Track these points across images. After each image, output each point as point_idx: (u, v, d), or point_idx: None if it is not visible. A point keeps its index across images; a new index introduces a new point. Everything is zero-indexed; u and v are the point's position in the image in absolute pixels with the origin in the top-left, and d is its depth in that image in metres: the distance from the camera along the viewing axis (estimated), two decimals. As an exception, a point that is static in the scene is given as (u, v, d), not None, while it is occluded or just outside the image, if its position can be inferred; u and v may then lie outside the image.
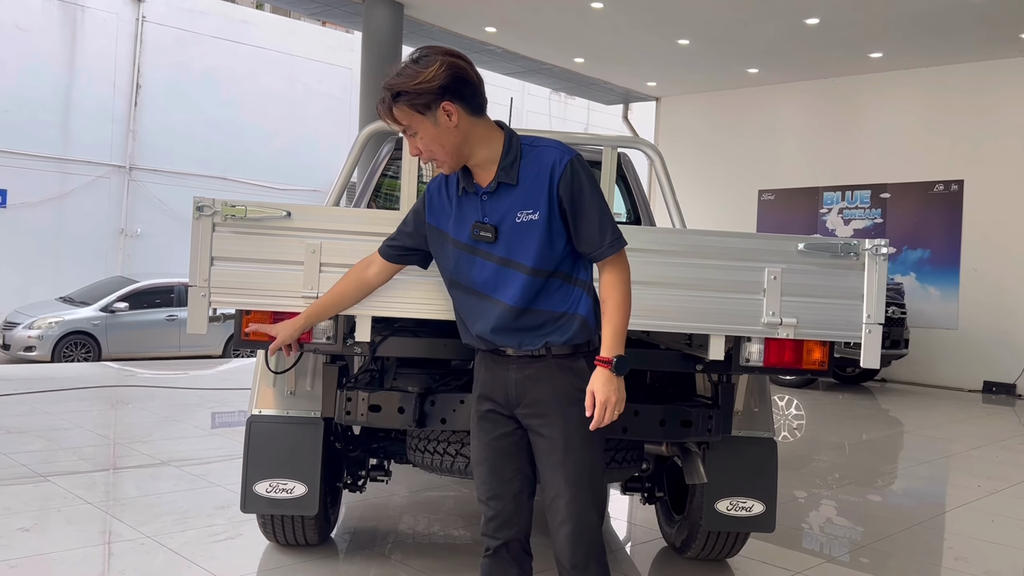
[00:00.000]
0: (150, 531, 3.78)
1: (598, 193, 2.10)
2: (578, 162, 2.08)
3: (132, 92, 16.94)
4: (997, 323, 11.40)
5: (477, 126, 2.09)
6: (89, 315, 12.81)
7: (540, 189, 2.07)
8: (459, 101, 2.04)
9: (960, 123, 11.89)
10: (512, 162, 2.09)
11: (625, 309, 2.10)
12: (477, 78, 2.08)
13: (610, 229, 2.09)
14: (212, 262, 2.46)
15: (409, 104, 2.03)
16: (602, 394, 2.05)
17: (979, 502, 5.18)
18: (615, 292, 2.10)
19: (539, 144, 2.11)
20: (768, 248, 2.58)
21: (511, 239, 2.10)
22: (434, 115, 2.03)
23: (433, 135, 2.06)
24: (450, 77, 2.01)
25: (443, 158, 2.10)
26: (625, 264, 2.13)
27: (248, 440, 3.10)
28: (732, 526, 3.27)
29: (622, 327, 2.09)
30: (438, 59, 2.02)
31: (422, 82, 2.00)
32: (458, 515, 4.32)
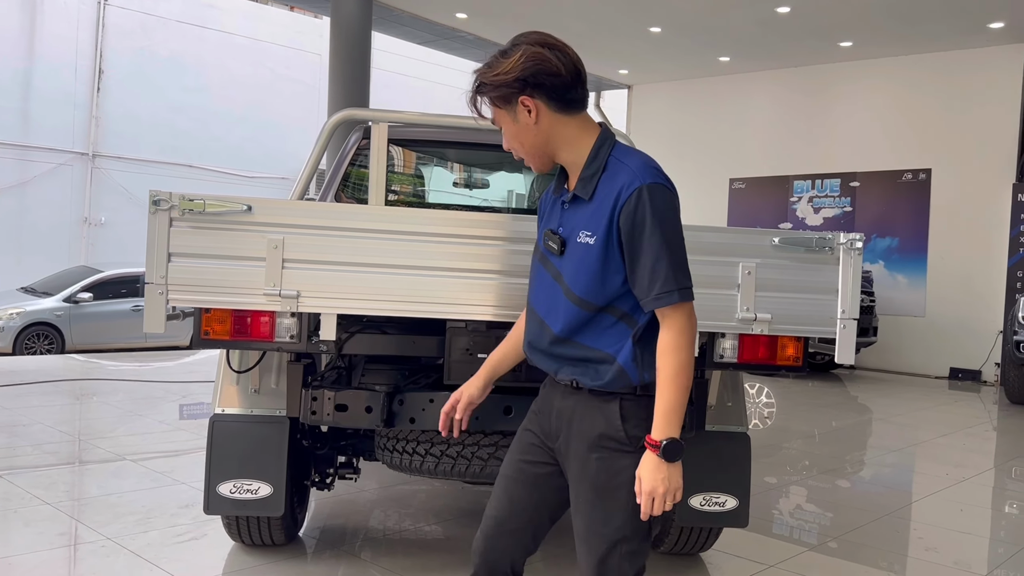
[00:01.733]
0: (111, 532, 3.67)
1: (665, 231, 1.77)
2: (650, 190, 1.77)
3: (94, 77, 16.58)
4: (963, 311, 11.56)
5: (564, 125, 1.87)
6: (52, 306, 12.52)
7: (604, 212, 1.81)
8: (540, 95, 1.83)
9: (929, 112, 12.00)
10: (593, 174, 1.85)
11: (679, 382, 1.77)
12: (569, 70, 1.84)
13: (663, 278, 1.76)
14: (169, 258, 2.36)
15: (489, 97, 1.87)
16: (647, 483, 1.76)
17: (947, 491, 5.22)
18: (666, 360, 1.78)
19: (626, 160, 1.84)
20: (742, 243, 2.53)
21: (570, 258, 1.88)
22: (513, 110, 1.86)
23: (513, 132, 1.89)
24: (530, 69, 1.81)
25: (525, 157, 1.93)
26: (684, 323, 1.78)
27: (211, 440, 3.02)
28: (705, 521, 3.24)
29: (674, 404, 1.77)
30: (521, 48, 1.82)
31: (499, 74, 1.83)
32: (429, 510, 4.26)
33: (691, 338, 1.80)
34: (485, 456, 2.77)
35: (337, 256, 2.39)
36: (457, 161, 5.09)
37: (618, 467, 1.84)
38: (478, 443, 2.78)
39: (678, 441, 1.77)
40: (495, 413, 2.68)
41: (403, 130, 4.59)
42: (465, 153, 4.93)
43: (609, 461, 1.85)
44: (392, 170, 4.74)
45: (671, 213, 1.80)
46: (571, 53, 1.87)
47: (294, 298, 2.38)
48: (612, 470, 1.85)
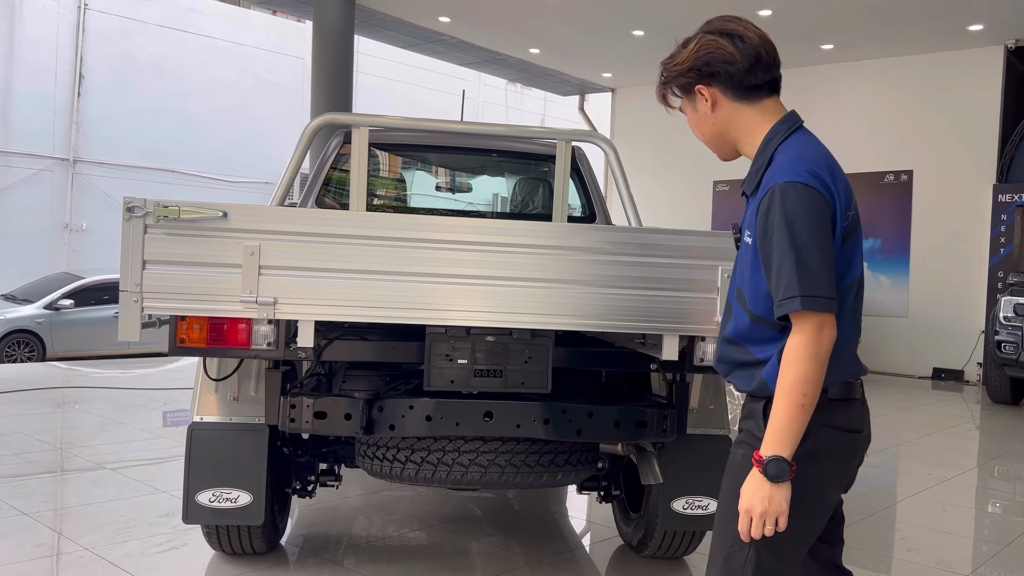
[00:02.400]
0: (89, 542, 3.62)
1: (795, 235, 1.64)
2: (783, 192, 1.67)
3: (75, 82, 16.44)
4: (946, 311, 11.64)
5: (742, 113, 1.80)
6: (32, 313, 12.40)
7: (756, 207, 1.75)
8: (715, 84, 1.79)
9: (910, 114, 12.08)
10: (758, 169, 1.78)
11: (793, 398, 1.63)
12: (746, 56, 1.77)
13: (785, 283, 1.63)
14: (144, 266, 2.34)
15: (671, 88, 1.87)
16: (744, 499, 1.68)
17: (930, 491, 5.24)
18: (785, 373, 1.65)
19: (782, 154, 1.76)
20: (721, 246, 2.53)
21: (739, 256, 1.85)
22: (693, 100, 1.84)
23: (694, 121, 1.87)
24: (703, 58, 1.78)
25: (706, 144, 1.90)
26: (807, 335, 1.63)
27: (189, 448, 2.98)
28: (688, 525, 3.24)
29: (785, 420, 1.64)
30: (697, 37, 1.80)
31: (677, 64, 1.82)
32: (413, 516, 4.23)
33: (815, 350, 1.63)
34: (466, 462, 2.75)
35: (314, 262, 2.38)
36: (439, 165, 5.08)
37: None
38: (458, 449, 2.77)
39: (784, 461, 1.64)
40: (475, 419, 2.67)
41: (385, 134, 4.58)
42: (447, 157, 4.92)
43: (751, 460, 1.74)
44: (373, 174, 4.72)
45: (805, 215, 1.66)
46: (752, 37, 1.79)
47: (271, 305, 2.36)
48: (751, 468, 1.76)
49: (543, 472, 2.81)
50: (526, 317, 2.50)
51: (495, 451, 2.76)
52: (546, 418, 2.68)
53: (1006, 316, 8.84)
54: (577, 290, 2.48)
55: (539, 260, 2.47)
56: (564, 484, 3.02)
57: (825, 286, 1.64)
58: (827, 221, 1.67)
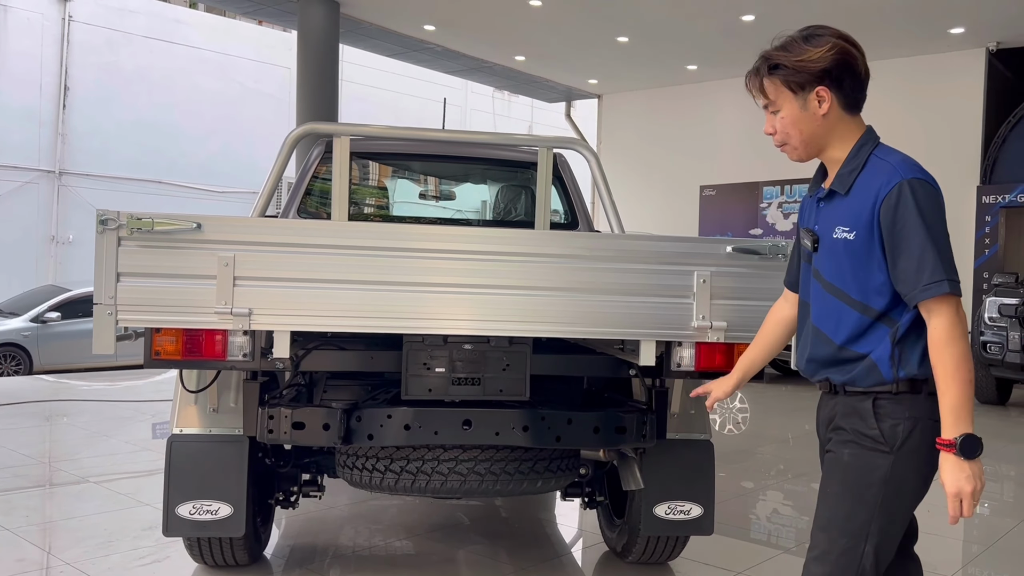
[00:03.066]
0: (71, 557, 3.60)
1: (930, 225, 1.75)
2: (911, 186, 1.76)
3: (60, 94, 16.38)
4: (932, 312, 11.69)
5: (844, 121, 1.90)
6: (19, 326, 12.32)
7: (863, 207, 1.82)
8: (837, 90, 1.86)
9: (894, 117, 12.14)
10: (852, 170, 1.87)
11: (961, 376, 1.73)
12: (866, 71, 1.88)
13: (930, 268, 1.73)
14: (119, 278, 2.33)
15: (783, 79, 1.88)
16: (951, 485, 1.74)
17: (915, 492, 5.25)
18: (944, 355, 1.74)
19: (887, 158, 1.86)
20: (697, 251, 2.55)
21: (827, 255, 1.90)
22: (804, 97, 1.87)
23: (795, 118, 1.90)
24: (838, 63, 1.84)
25: (796, 144, 1.93)
26: (954, 315, 1.74)
27: (169, 461, 2.97)
28: (670, 530, 3.24)
29: (960, 399, 1.73)
30: (830, 41, 1.86)
31: (806, 60, 1.85)
32: (400, 526, 4.22)
33: (963, 330, 1.75)
34: (445, 471, 2.75)
35: (288, 272, 2.37)
36: (421, 173, 5.08)
37: (872, 466, 1.83)
38: (438, 458, 2.76)
39: (974, 436, 1.73)
40: (454, 427, 2.67)
41: (366, 143, 4.58)
42: (428, 165, 4.93)
43: (863, 459, 1.83)
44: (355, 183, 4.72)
45: (936, 208, 1.78)
46: (864, 55, 1.90)
47: (246, 316, 2.35)
48: (865, 468, 1.83)
49: (523, 479, 2.81)
50: (504, 324, 2.50)
51: (474, 459, 2.76)
52: (525, 425, 2.68)
53: (991, 317, 8.89)
54: (553, 297, 2.49)
55: (515, 268, 2.48)
56: (545, 491, 3.01)
57: (956, 273, 1.77)
58: (945, 217, 1.81)
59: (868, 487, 1.84)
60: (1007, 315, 8.74)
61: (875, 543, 1.85)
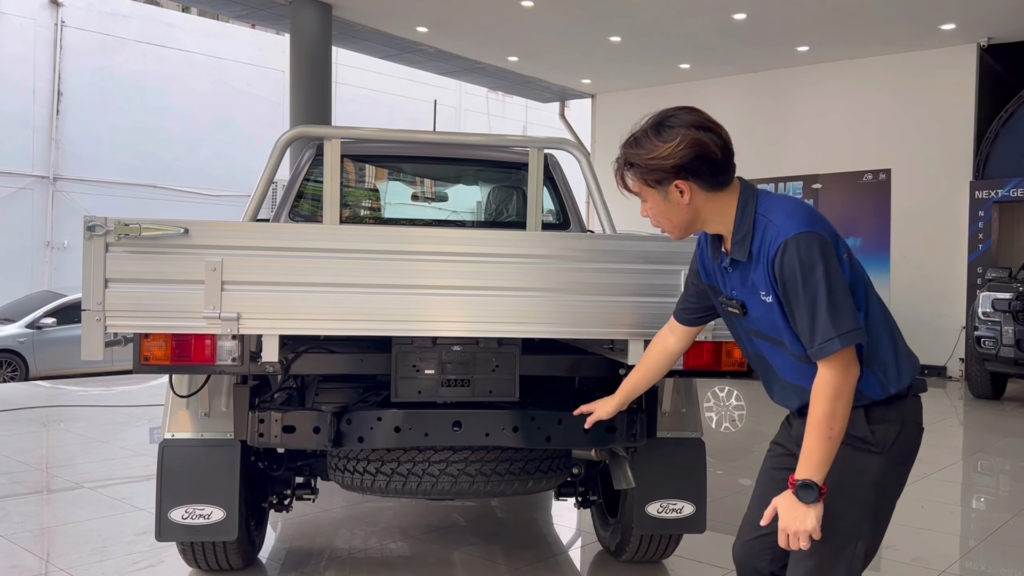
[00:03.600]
0: (65, 563, 3.60)
1: (817, 281, 1.75)
2: (795, 242, 1.76)
3: (53, 99, 16.36)
4: (927, 308, 11.72)
5: (712, 201, 1.89)
6: (14, 332, 12.30)
7: (766, 268, 1.83)
8: (694, 179, 1.86)
9: (886, 113, 12.18)
10: (744, 236, 1.87)
11: (826, 431, 1.76)
12: (723, 151, 1.86)
13: (822, 328, 1.74)
14: (107, 284, 2.33)
15: (639, 177, 1.90)
16: (781, 519, 1.81)
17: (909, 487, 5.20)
18: (819, 406, 1.77)
19: (770, 215, 1.84)
20: (684, 251, 2.55)
21: (763, 319, 1.91)
22: (665, 190, 1.88)
23: (661, 209, 1.92)
24: (689, 156, 1.83)
25: (670, 229, 1.97)
26: (840, 373, 1.76)
27: (161, 465, 2.98)
28: (663, 528, 3.25)
29: (817, 449, 1.77)
30: (680, 133, 1.84)
31: (656, 158, 1.85)
32: (395, 527, 4.23)
33: (843, 389, 1.76)
34: (436, 473, 2.75)
35: (276, 276, 2.38)
36: (412, 175, 5.08)
37: (864, 466, 1.86)
38: (428, 460, 2.77)
39: (812, 485, 1.76)
40: (444, 429, 2.67)
41: (357, 146, 4.58)
42: (419, 167, 4.93)
43: (855, 458, 1.85)
44: (346, 186, 4.72)
45: (820, 258, 1.76)
46: (723, 132, 1.88)
47: (234, 320, 2.36)
48: (857, 467, 1.86)
49: (514, 480, 2.82)
50: (492, 326, 2.51)
51: (465, 460, 2.76)
52: (515, 426, 2.69)
53: (985, 312, 8.91)
54: (542, 297, 2.50)
55: (503, 269, 2.48)
56: (536, 491, 3.02)
57: (852, 317, 1.76)
58: (835, 257, 1.79)
59: (860, 487, 1.86)
60: (1001, 310, 8.76)
61: (867, 543, 1.88)
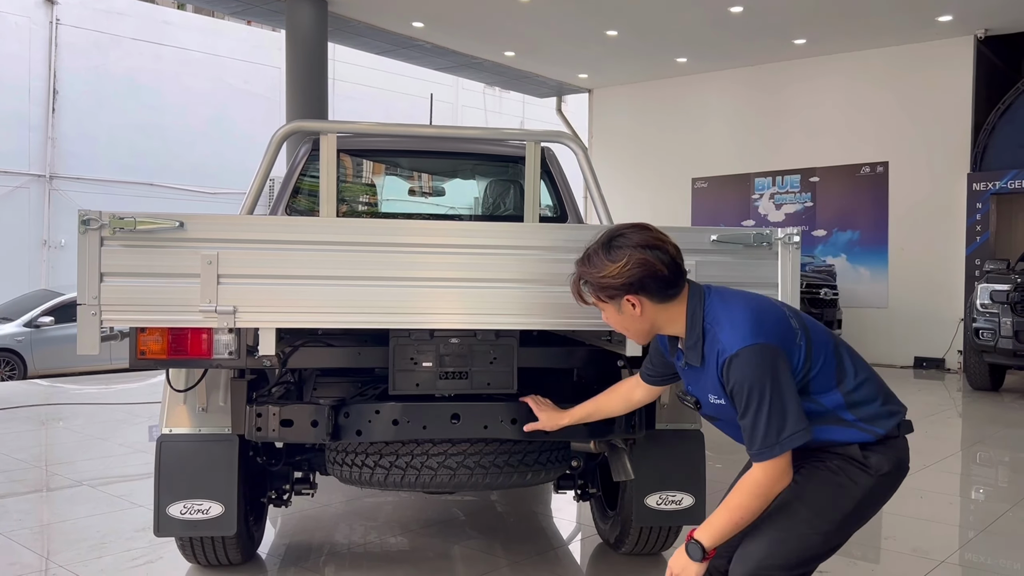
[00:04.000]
0: (63, 560, 3.60)
1: (763, 392, 1.85)
2: (739, 358, 1.87)
3: (49, 98, 16.32)
4: (925, 300, 11.73)
5: (664, 310, 2.02)
6: (12, 331, 12.28)
7: (716, 375, 1.95)
8: (644, 294, 1.99)
9: (884, 106, 12.18)
10: (695, 343, 1.99)
11: (734, 515, 1.90)
12: (670, 266, 1.98)
13: (762, 435, 1.86)
14: (102, 278, 2.32)
15: (592, 292, 2.05)
16: (672, 561, 1.98)
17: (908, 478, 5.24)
18: (737, 495, 1.92)
19: (716, 328, 1.95)
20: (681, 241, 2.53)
21: (718, 412, 2.05)
22: (618, 304, 2.02)
23: (616, 320, 2.07)
24: (637, 275, 1.96)
25: (630, 336, 2.12)
26: (771, 479, 1.88)
27: (159, 461, 2.97)
28: (662, 520, 3.24)
29: (720, 522, 1.92)
30: (627, 254, 1.96)
31: (607, 277, 1.98)
32: (395, 522, 4.22)
33: (767, 492, 1.89)
34: (434, 466, 2.75)
35: (273, 269, 2.37)
36: (409, 169, 5.07)
37: (855, 478, 1.97)
38: (427, 453, 2.76)
39: (700, 547, 1.92)
40: (442, 421, 2.66)
41: (353, 140, 4.57)
42: (416, 161, 4.92)
43: (850, 469, 1.97)
44: (343, 181, 4.71)
45: (764, 371, 1.86)
46: (671, 247, 2.00)
47: (231, 314, 2.34)
48: (849, 475, 1.97)
49: (513, 472, 2.81)
50: (490, 318, 2.50)
51: (464, 453, 2.76)
52: (513, 418, 2.68)
53: (983, 303, 8.92)
54: (539, 289, 2.48)
55: (500, 261, 2.47)
56: (535, 483, 3.01)
57: (795, 421, 1.87)
58: (783, 363, 1.89)
59: (842, 493, 1.97)
60: (999, 301, 8.76)
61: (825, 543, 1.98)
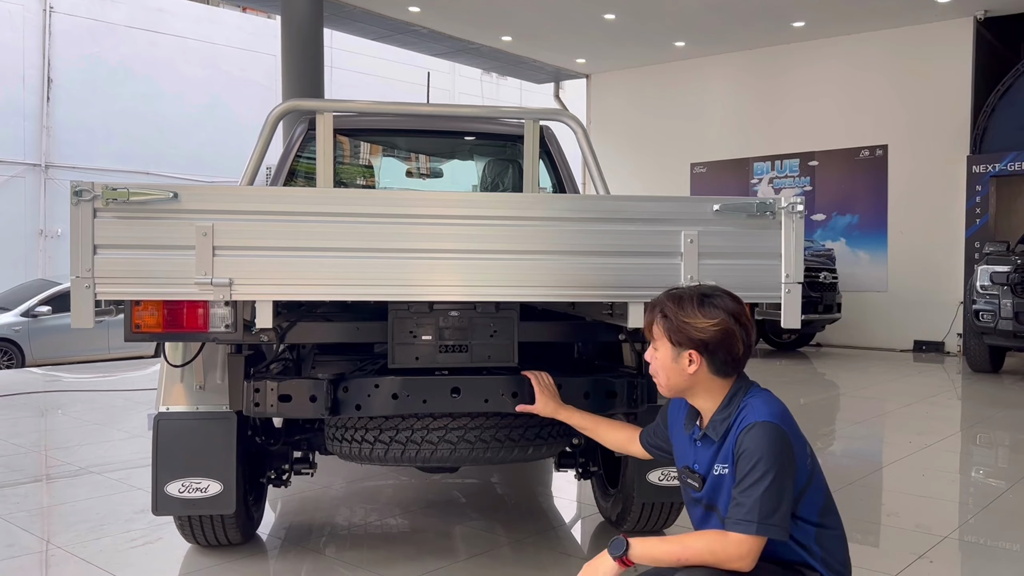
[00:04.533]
0: (61, 541, 3.57)
1: (769, 469, 1.87)
2: (764, 428, 1.91)
3: (43, 86, 16.24)
4: (925, 284, 11.71)
5: (711, 381, 2.05)
6: (9, 321, 12.24)
7: (732, 443, 1.98)
8: (708, 357, 2.01)
9: (882, 89, 12.12)
10: (725, 418, 2.02)
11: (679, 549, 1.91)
12: (746, 348, 2.02)
13: (749, 508, 1.86)
14: (95, 250, 2.28)
15: (665, 329, 2.05)
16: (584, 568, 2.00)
17: (910, 457, 5.26)
18: (697, 535, 1.95)
19: (754, 401, 2.01)
20: (683, 210, 2.50)
21: (712, 490, 2.04)
22: (679, 352, 2.02)
23: (666, 365, 2.06)
24: (717, 338, 1.99)
25: (662, 383, 2.10)
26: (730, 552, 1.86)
27: (156, 439, 2.94)
28: (664, 496, 3.22)
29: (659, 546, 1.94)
30: (720, 316, 1.99)
31: (690, 324, 2.00)
32: (396, 504, 4.20)
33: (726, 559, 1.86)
34: (435, 440, 2.72)
35: (269, 241, 2.33)
36: (406, 149, 5.03)
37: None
38: (427, 427, 2.73)
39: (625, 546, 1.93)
40: (443, 395, 2.64)
41: (350, 119, 4.52)
42: (414, 140, 4.88)
43: None
44: (340, 161, 4.66)
45: (779, 452, 1.89)
46: (752, 332, 2.05)
47: (227, 286, 2.30)
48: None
49: (514, 447, 2.78)
50: (489, 290, 2.46)
51: (464, 427, 2.73)
52: (514, 391, 2.65)
53: (983, 285, 8.89)
54: (539, 260, 2.45)
55: (500, 231, 2.43)
56: (536, 458, 2.99)
57: (781, 517, 1.88)
58: (790, 458, 1.93)
59: None
60: (999, 283, 8.74)
61: None
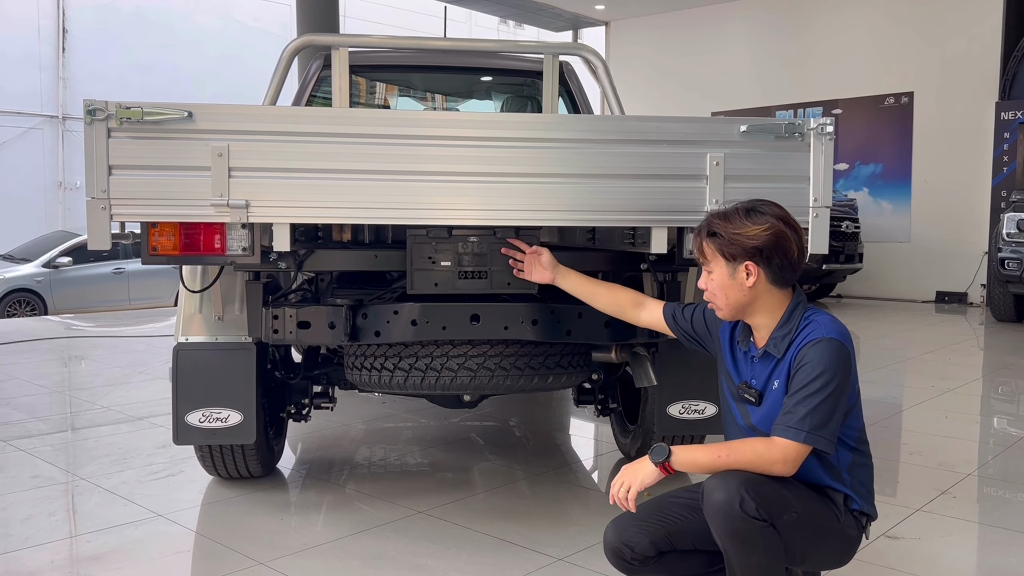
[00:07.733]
0: (85, 473, 3.62)
1: (826, 384, 1.87)
2: (829, 344, 1.90)
3: (59, 37, 16.17)
4: (948, 234, 11.52)
5: (770, 294, 2.01)
6: (32, 272, 12.35)
7: (791, 358, 1.96)
8: (765, 267, 1.98)
9: (909, 34, 11.81)
10: (786, 334, 1.99)
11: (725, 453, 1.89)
12: (800, 253, 1.99)
13: (799, 418, 1.85)
14: (110, 171, 2.25)
15: (717, 247, 2.00)
16: (621, 471, 1.97)
17: (932, 401, 5.21)
18: (743, 441, 1.94)
19: (817, 317, 1.99)
20: (709, 132, 2.44)
21: (768, 407, 2.02)
22: (735, 267, 1.99)
23: (723, 284, 2.02)
24: (770, 243, 1.96)
25: (721, 305, 2.05)
26: (775, 456, 1.86)
27: (176, 369, 2.94)
28: (685, 429, 3.20)
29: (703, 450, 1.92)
30: (768, 221, 1.97)
31: (741, 235, 1.97)
32: (414, 443, 4.22)
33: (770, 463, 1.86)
34: (454, 367, 2.70)
35: (286, 163, 2.29)
36: (424, 88, 4.95)
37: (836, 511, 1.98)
38: (446, 354, 2.71)
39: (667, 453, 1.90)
40: (462, 322, 2.61)
41: (367, 55, 4.44)
42: (432, 77, 4.79)
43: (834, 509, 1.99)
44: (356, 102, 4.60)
45: (838, 370, 1.89)
46: (803, 236, 2.03)
47: (243, 208, 2.28)
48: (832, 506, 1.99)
49: (533, 375, 2.76)
50: (510, 214, 2.42)
51: (484, 355, 2.70)
52: (534, 319, 2.62)
53: (1009, 233, 8.74)
54: (560, 184, 2.40)
55: (520, 154, 2.38)
56: (556, 388, 2.96)
57: (829, 432, 1.88)
58: (850, 377, 1.94)
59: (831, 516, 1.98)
60: (1025, 231, 8.58)
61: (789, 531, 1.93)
